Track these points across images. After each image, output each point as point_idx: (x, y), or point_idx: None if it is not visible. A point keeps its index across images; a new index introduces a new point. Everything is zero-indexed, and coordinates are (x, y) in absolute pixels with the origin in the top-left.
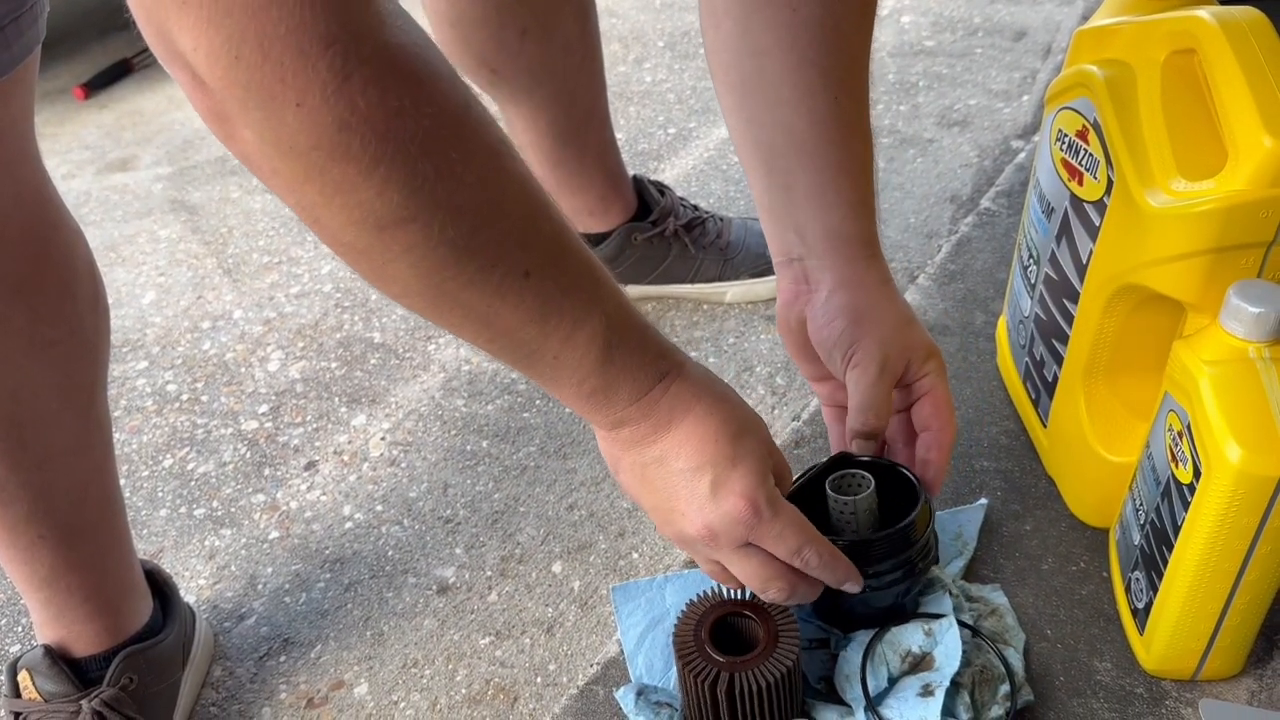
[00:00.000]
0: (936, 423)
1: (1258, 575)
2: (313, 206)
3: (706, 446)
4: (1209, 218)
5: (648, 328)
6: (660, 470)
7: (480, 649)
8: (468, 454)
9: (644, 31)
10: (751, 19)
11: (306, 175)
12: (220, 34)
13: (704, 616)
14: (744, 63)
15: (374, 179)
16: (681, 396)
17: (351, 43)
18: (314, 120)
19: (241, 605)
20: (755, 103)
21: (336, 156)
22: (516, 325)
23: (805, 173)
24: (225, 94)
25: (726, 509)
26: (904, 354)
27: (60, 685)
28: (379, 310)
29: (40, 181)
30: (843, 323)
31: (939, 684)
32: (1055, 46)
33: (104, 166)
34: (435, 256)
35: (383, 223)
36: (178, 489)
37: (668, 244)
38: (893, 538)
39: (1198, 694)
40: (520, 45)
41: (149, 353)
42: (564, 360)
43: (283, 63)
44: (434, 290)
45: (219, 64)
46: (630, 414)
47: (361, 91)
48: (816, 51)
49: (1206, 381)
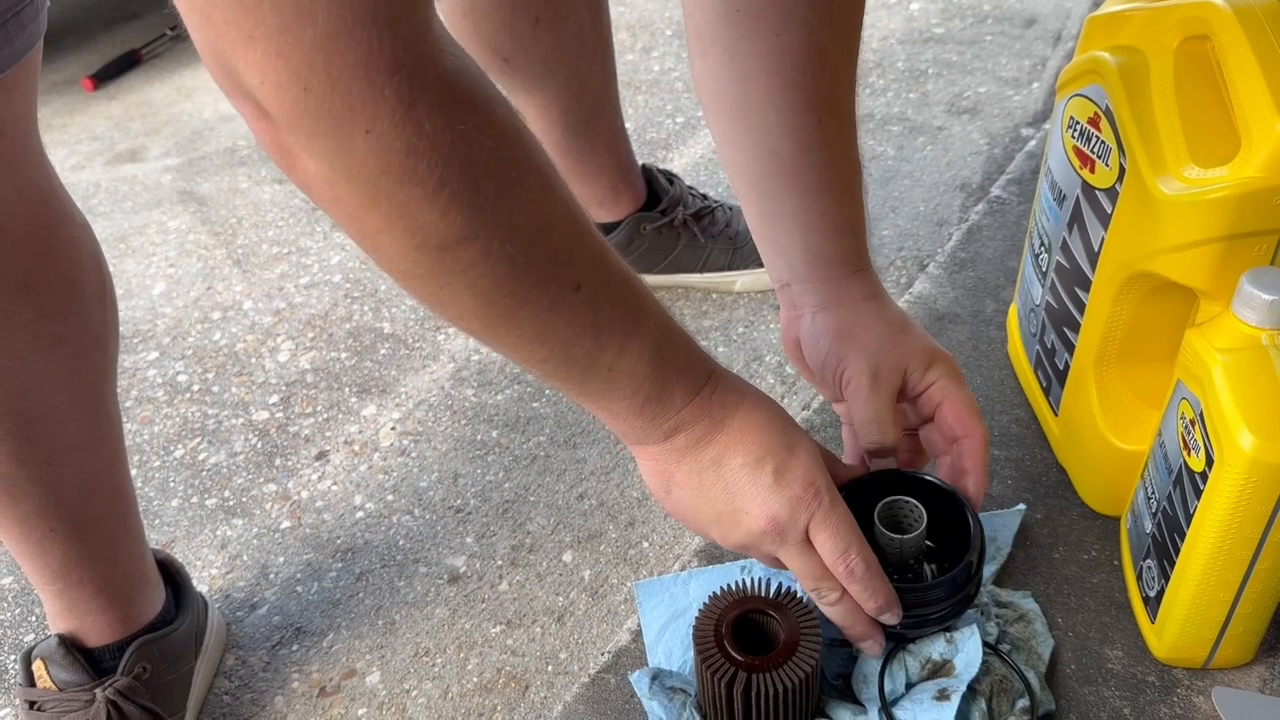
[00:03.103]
0: (962, 428)
1: (1270, 563)
2: (375, 234)
3: (764, 437)
4: (1222, 205)
5: (685, 330)
6: (718, 472)
7: (491, 637)
8: (478, 444)
9: (652, 20)
10: (738, 46)
11: (372, 201)
12: (289, 67)
13: (725, 612)
14: (730, 89)
15: (439, 201)
16: (730, 392)
17: (415, 69)
18: (383, 146)
19: (254, 595)
20: (741, 129)
21: (404, 180)
22: (572, 339)
23: (789, 196)
24: (293, 125)
25: (791, 494)
26: (898, 364)
27: (74, 674)
28: (388, 300)
29: (45, 176)
30: (827, 342)
31: (955, 689)
32: (1066, 33)
33: (113, 158)
34: (493, 275)
35: (445, 243)
36: (189, 479)
37: (676, 233)
38: (953, 580)
39: (1210, 682)
40: (533, 34)
41: (159, 343)
42: (619, 371)
43: (351, 91)
44: (491, 309)
45: (288, 96)
46: (685, 417)
47: (428, 116)
48: (800, 75)
49: (1219, 369)
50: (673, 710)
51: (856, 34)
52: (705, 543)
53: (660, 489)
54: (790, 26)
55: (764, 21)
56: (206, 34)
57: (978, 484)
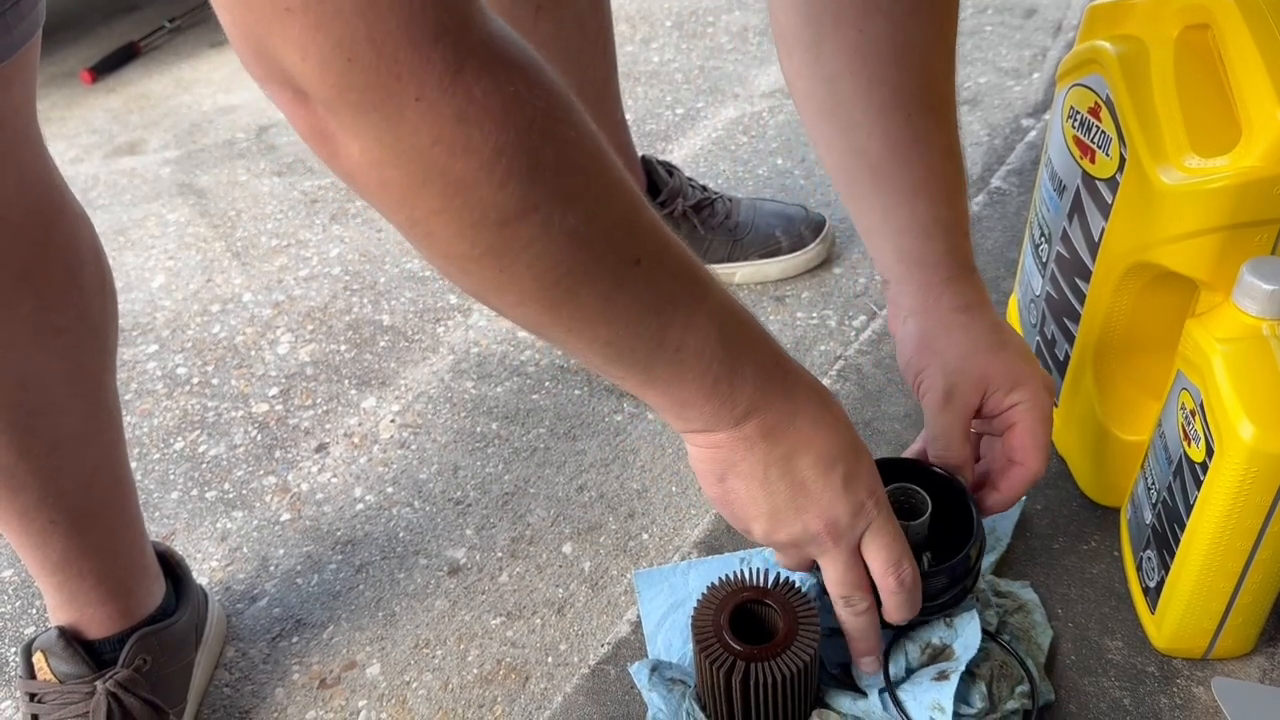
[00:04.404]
0: (1020, 457)
1: (1270, 553)
2: (428, 216)
3: (835, 437)
4: (1222, 194)
5: (747, 308)
6: (787, 467)
7: (491, 629)
8: (477, 436)
9: (651, 11)
10: (822, 45)
11: (425, 178)
12: (330, 38)
13: (724, 602)
14: (818, 89)
15: (496, 171)
16: (799, 381)
17: (460, 33)
18: (434, 113)
19: (254, 587)
20: (832, 129)
21: (458, 150)
22: (637, 317)
23: (878, 196)
24: (337, 101)
25: (855, 501)
26: (978, 384)
27: (75, 667)
28: (388, 293)
29: (44, 167)
30: (909, 350)
31: (954, 670)
32: (1066, 24)
33: (112, 150)
34: (555, 249)
35: (505, 218)
36: (189, 471)
37: (676, 225)
38: (952, 570)
39: (1209, 672)
40: (534, 22)
41: (159, 336)
42: (687, 349)
43: (398, 58)
44: (555, 289)
45: (331, 69)
46: (757, 400)
47: (476, 80)
48: (887, 70)
49: (1219, 359)
50: (672, 701)
51: (950, 21)
52: (705, 534)
53: (713, 476)
54: (874, 20)
55: (846, 18)
56: (239, 15)
57: (998, 504)
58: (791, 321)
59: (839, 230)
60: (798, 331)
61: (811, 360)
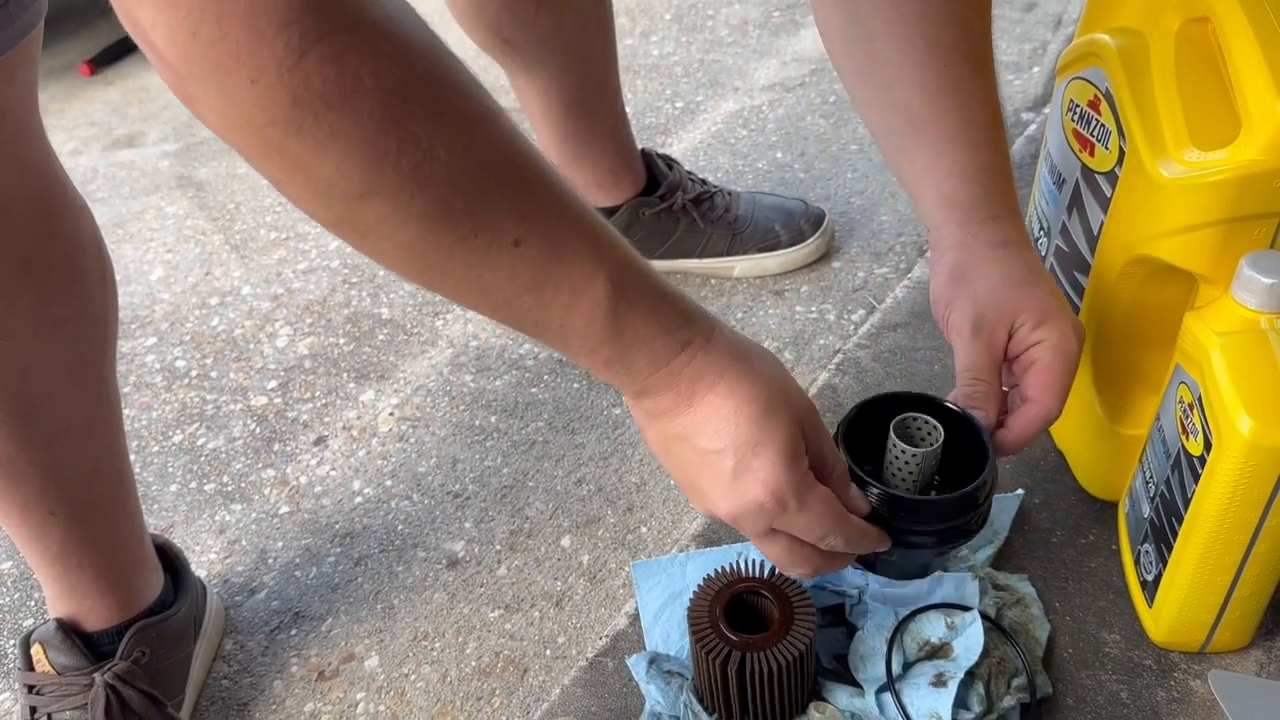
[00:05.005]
0: (1035, 393)
1: (1268, 547)
2: (278, 182)
3: (726, 428)
4: (1221, 188)
5: (667, 294)
6: (684, 447)
7: (490, 622)
8: (476, 429)
9: (651, 4)
10: (858, 6)
11: (266, 152)
12: (179, 12)
13: (720, 593)
14: (856, 50)
15: (331, 154)
16: (706, 369)
17: (311, 20)
18: (269, 97)
19: (252, 579)
20: (873, 87)
21: (291, 132)
22: (512, 296)
23: (921, 147)
24: (184, 70)
25: (750, 498)
26: (1006, 315)
27: (73, 659)
28: (386, 286)
29: (46, 158)
30: (941, 282)
31: (953, 675)
32: (1066, 18)
33: (110, 143)
34: (408, 229)
35: (347, 196)
36: (188, 464)
37: (676, 218)
38: (956, 502)
39: (1206, 666)
40: (535, 15)
41: (158, 329)
42: (570, 329)
43: (238, 40)
44: (419, 261)
45: (176, 41)
46: (652, 384)
47: (318, 69)
48: (922, 24)
49: (1218, 353)
50: (670, 694)
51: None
52: (703, 528)
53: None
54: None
55: None
56: None
57: (1014, 445)
58: (790, 315)
59: (838, 224)
60: (796, 325)
61: (810, 354)
